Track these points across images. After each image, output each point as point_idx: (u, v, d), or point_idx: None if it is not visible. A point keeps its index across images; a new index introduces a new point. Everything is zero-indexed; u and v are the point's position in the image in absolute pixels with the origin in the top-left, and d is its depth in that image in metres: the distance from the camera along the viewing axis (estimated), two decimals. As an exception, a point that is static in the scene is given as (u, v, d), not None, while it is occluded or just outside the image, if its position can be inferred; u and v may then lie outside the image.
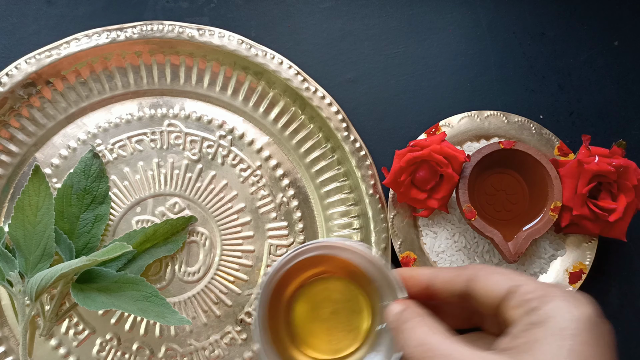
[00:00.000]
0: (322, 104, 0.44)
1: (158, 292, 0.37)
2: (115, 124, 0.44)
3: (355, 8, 0.47)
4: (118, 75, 0.44)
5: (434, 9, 0.48)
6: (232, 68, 0.45)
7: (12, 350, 0.41)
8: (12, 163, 0.43)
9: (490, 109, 0.45)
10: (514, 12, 0.48)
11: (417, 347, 0.26)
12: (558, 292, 0.25)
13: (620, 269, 0.45)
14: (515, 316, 0.26)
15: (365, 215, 0.43)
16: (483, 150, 0.41)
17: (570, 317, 0.24)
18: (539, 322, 0.24)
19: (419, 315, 0.28)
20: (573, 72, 0.47)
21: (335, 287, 0.35)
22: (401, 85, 0.47)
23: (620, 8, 0.48)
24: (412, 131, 0.46)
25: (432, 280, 0.31)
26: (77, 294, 0.36)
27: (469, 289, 0.29)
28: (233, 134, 0.44)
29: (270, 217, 0.44)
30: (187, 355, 0.41)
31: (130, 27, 0.43)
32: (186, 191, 0.43)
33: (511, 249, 0.39)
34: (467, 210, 0.40)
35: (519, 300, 0.26)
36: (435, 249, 0.43)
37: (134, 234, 0.41)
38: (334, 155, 0.44)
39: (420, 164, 0.41)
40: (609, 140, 0.46)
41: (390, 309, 0.30)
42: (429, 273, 0.31)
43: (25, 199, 0.39)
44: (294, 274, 0.35)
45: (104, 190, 0.42)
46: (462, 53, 0.47)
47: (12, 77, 0.42)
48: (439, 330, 0.27)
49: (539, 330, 0.24)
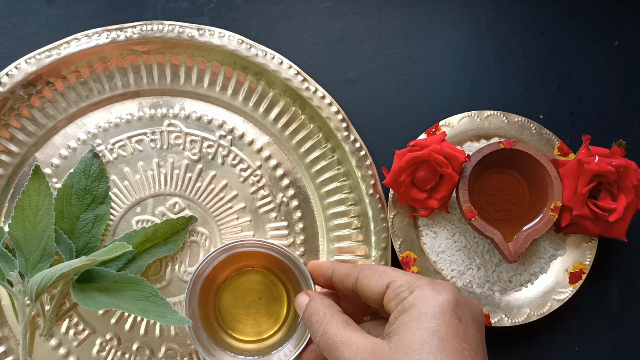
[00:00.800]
0: (322, 104, 0.44)
1: (158, 292, 0.37)
2: (115, 124, 0.44)
3: (355, 8, 0.47)
4: (118, 75, 0.44)
5: (434, 9, 0.48)
6: (232, 68, 0.45)
7: (12, 350, 0.41)
8: (12, 163, 0.43)
9: (490, 109, 0.45)
10: (514, 12, 0.48)
11: (321, 337, 0.31)
12: (423, 281, 0.30)
13: (620, 269, 0.45)
14: (391, 307, 0.30)
15: (365, 215, 0.43)
16: (483, 150, 0.41)
17: (431, 303, 0.28)
18: (406, 309, 0.29)
19: (323, 306, 0.33)
20: (573, 72, 0.47)
21: (257, 278, 0.42)
22: (401, 85, 0.47)
23: (620, 8, 0.48)
24: (412, 131, 0.46)
25: (331, 275, 0.36)
26: (77, 294, 0.36)
27: (355, 287, 0.33)
28: (233, 134, 0.44)
29: (270, 217, 0.44)
30: (187, 355, 0.41)
31: (130, 27, 0.43)
32: (186, 191, 0.43)
33: (511, 249, 0.39)
34: (467, 210, 0.40)
35: (393, 293, 0.30)
36: (435, 249, 0.43)
37: (134, 234, 0.41)
38: (334, 155, 0.44)
39: (420, 164, 0.41)
40: (609, 140, 0.46)
41: (297, 300, 0.35)
42: (329, 267, 0.36)
43: (25, 199, 0.39)
44: (221, 269, 0.40)
45: (104, 190, 0.42)
46: (462, 53, 0.47)
47: (12, 77, 0.42)
48: (339, 321, 0.31)
49: (406, 315, 0.28)
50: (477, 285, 0.43)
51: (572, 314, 0.45)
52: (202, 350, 0.37)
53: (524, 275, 0.43)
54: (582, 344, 0.45)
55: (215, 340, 0.39)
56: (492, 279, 0.43)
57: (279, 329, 0.41)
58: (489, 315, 0.42)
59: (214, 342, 0.39)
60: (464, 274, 0.43)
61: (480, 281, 0.43)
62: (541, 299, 0.42)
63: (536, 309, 0.42)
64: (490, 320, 0.41)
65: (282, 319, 0.42)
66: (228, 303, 0.41)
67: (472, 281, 0.43)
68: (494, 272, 0.43)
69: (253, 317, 0.41)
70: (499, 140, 0.42)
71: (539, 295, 0.42)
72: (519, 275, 0.43)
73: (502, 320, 0.41)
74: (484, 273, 0.43)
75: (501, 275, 0.43)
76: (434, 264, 0.43)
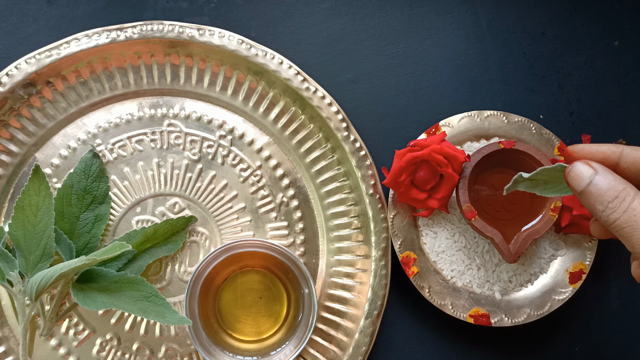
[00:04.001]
0: (322, 104, 0.44)
1: (158, 292, 0.37)
2: (115, 124, 0.44)
3: (355, 8, 0.47)
4: (118, 75, 0.44)
5: (434, 9, 0.48)
6: (232, 68, 0.45)
7: (12, 350, 0.41)
8: (12, 163, 0.43)
9: (490, 109, 0.45)
10: (514, 12, 0.48)
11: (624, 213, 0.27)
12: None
13: (620, 269, 0.45)
14: None
15: (365, 215, 0.43)
16: (483, 150, 0.41)
17: None
18: None
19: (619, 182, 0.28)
20: (573, 72, 0.47)
21: (257, 278, 0.42)
22: (401, 85, 0.47)
23: (620, 8, 0.48)
24: (412, 131, 0.46)
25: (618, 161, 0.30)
26: (77, 294, 0.36)
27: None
28: (233, 134, 0.44)
29: (270, 217, 0.44)
30: (187, 355, 0.41)
31: (130, 27, 0.43)
32: (186, 191, 0.43)
33: (511, 249, 0.39)
34: (467, 210, 0.40)
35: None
36: (435, 249, 0.43)
37: (134, 234, 0.41)
38: (334, 155, 0.44)
39: (420, 164, 0.41)
40: (609, 140, 0.46)
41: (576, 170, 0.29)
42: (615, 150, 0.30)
43: (25, 199, 0.39)
44: (221, 269, 0.40)
45: (104, 190, 0.42)
46: (462, 53, 0.47)
47: (12, 77, 0.42)
48: None
49: None
50: (477, 285, 0.43)
51: (572, 314, 0.45)
52: (202, 350, 0.37)
53: (524, 275, 0.43)
54: (582, 344, 0.45)
55: (215, 340, 0.39)
56: (492, 279, 0.43)
57: (279, 329, 0.41)
58: (489, 315, 0.42)
59: (214, 342, 0.39)
60: (464, 274, 0.43)
61: (480, 281, 0.43)
62: (541, 299, 0.42)
63: (536, 309, 0.42)
64: (490, 320, 0.42)
65: (282, 319, 0.42)
66: (228, 303, 0.41)
67: (472, 281, 0.43)
68: (494, 272, 0.43)
69: (253, 317, 0.41)
70: (499, 140, 0.42)
71: (539, 295, 0.42)
72: (519, 275, 0.43)
73: (502, 320, 0.42)
74: (484, 273, 0.43)
75: (501, 275, 0.43)
76: (434, 264, 0.43)
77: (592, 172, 0.28)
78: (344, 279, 0.43)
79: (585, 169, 0.28)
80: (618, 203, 0.27)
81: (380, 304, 0.42)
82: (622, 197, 0.27)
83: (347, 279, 0.43)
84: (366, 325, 0.42)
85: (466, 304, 0.42)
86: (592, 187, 0.28)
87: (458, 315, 0.42)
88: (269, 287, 0.42)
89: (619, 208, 0.27)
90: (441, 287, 0.42)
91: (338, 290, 0.43)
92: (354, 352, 0.41)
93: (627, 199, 0.27)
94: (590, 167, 0.28)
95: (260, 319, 0.41)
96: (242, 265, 0.42)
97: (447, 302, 0.42)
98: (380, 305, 0.42)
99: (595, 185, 0.28)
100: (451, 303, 0.42)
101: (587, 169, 0.28)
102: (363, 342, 0.42)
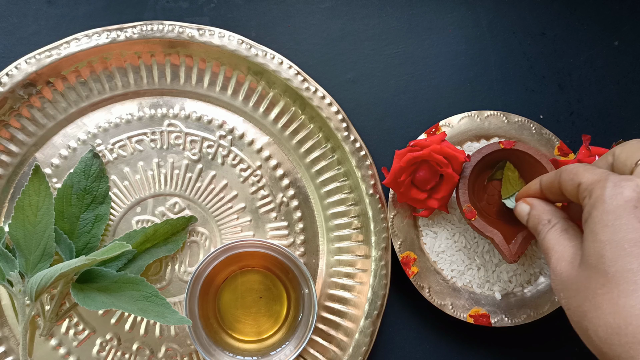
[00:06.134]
0: (322, 104, 0.44)
1: (158, 292, 0.37)
2: (115, 124, 0.44)
3: (355, 8, 0.47)
4: (118, 75, 0.44)
5: (434, 9, 0.48)
6: (232, 68, 0.45)
7: (12, 350, 0.41)
8: (12, 163, 0.43)
9: (490, 109, 0.45)
10: (514, 12, 0.48)
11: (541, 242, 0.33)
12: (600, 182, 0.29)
13: (620, 269, 0.45)
14: None
15: (365, 215, 0.43)
16: (483, 150, 0.40)
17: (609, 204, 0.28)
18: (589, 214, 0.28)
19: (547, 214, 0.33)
20: (573, 72, 0.47)
21: (257, 278, 0.42)
22: (401, 85, 0.47)
23: (620, 8, 0.48)
24: (412, 131, 0.46)
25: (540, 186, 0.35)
26: (77, 293, 0.36)
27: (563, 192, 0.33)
28: (233, 134, 0.44)
29: (270, 217, 0.44)
30: (187, 355, 0.41)
31: (130, 27, 0.43)
32: (186, 191, 0.43)
33: (511, 249, 0.39)
34: (467, 210, 0.40)
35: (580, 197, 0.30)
36: (435, 249, 0.43)
37: (134, 234, 0.41)
38: (334, 155, 0.44)
39: (420, 164, 0.41)
40: (609, 140, 0.46)
41: (518, 210, 0.36)
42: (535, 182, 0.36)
43: (25, 199, 0.39)
44: (221, 269, 0.40)
45: (104, 190, 0.42)
46: (462, 53, 0.47)
47: (12, 77, 0.42)
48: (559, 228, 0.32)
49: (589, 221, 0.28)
50: (477, 286, 0.43)
51: (572, 314, 0.44)
52: (202, 350, 0.37)
53: (524, 275, 0.43)
54: (582, 344, 0.44)
55: (215, 340, 0.39)
56: (492, 279, 0.43)
57: (279, 329, 0.41)
58: (489, 315, 0.42)
59: (214, 342, 0.39)
60: (464, 274, 0.43)
61: (480, 281, 0.43)
62: (541, 299, 0.42)
63: (536, 309, 0.42)
64: (490, 320, 0.41)
65: (282, 319, 0.42)
66: (228, 303, 0.41)
67: (472, 281, 0.43)
68: (494, 272, 0.43)
69: (253, 317, 0.41)
70: (499, 140, 0.42)
71: (539, 295, 0.42)
72: (519, 275, 0.43)
73: (502, 320, 0.41)
74: (484, 273, 0.43)
75: (501, 276, 0.43)
76: (434, 264, 0.43)
77: (528, 208, 0.35)
78: (344, 279, 0.43)
79: (523, 206, 0.36)
80: (541, 235, 0.33)
81: (380, 304, 0.42)
82: (542, 229, 0.33)
83: (347, 279, 0.43)
84: (366, 325, 0.42)
85: (466, 304, 0.42)
86: (530, 222, 0.35)
87: (458, 315, 0.42)
88: (269, 287, 0.42)
89: (539, 237, 0.33)
90: (441, 287, 0.42)
91: (338, 290, 0.43)
92: (354, 352, 0.41)
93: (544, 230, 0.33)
94: (527, 203, 0.35)
95: (260, 319, 0.41)
96: (242, 265, 0.42)
97: (447, 302, 0.42)
98: (380, 305, 0.42)
99: (531, 220, 0.35)
100: (451, 303, 0.42)
101: (524, 205, 0.36)
102: (363, 342, 0.42)
